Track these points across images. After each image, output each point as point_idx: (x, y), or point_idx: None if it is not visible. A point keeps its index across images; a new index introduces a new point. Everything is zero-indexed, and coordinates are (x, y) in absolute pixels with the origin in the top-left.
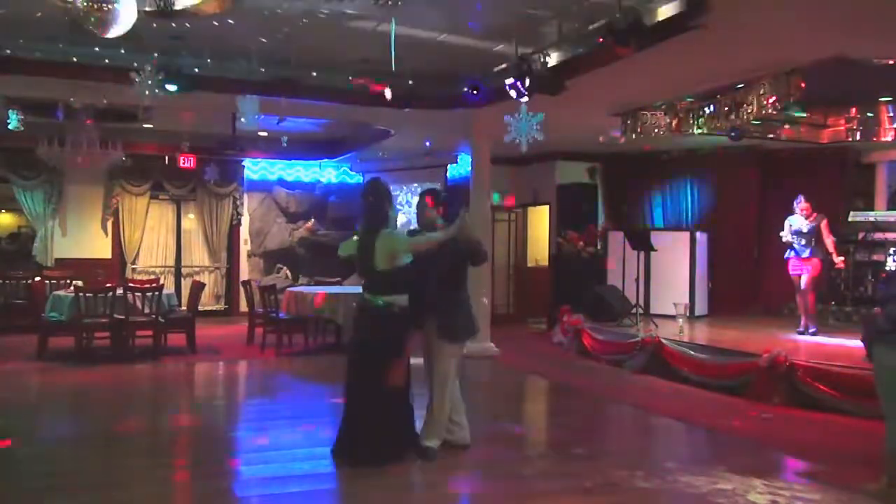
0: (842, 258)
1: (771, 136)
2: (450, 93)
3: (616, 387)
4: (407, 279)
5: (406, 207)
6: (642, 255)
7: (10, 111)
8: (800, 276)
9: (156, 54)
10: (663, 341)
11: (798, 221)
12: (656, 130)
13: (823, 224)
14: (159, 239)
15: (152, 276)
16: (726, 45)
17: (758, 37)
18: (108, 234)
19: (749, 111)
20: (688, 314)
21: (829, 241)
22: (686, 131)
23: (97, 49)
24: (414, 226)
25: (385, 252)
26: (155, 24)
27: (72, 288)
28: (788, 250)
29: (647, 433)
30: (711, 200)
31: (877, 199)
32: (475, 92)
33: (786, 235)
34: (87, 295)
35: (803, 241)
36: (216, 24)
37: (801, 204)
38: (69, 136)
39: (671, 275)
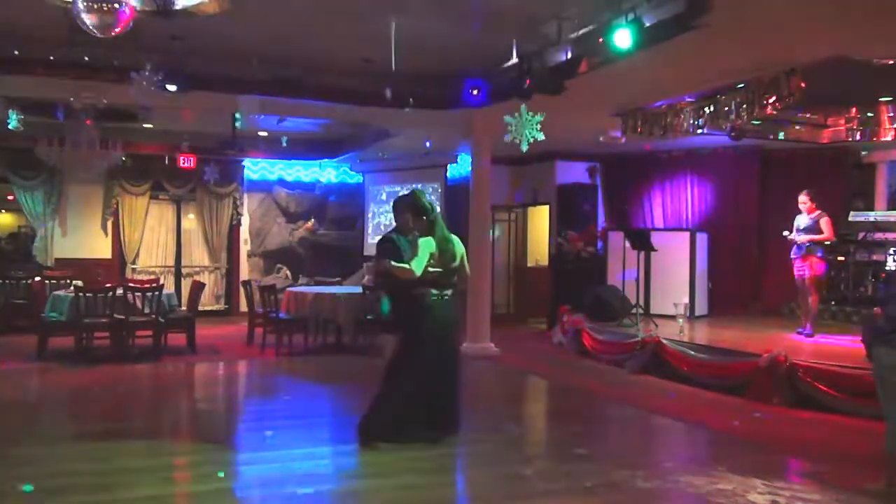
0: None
1: (771, 136)
2: (450, 93)
3: (616, 387)
4: None
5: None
6: (642, 255)
7: (10, 111)
8: (802, 276)
9: (155, 54)
10: (663, 341)
11: (801, 218)
12: (656, 130)
13: (824, 221)
14: (159, 239)
15: (152, 276)
16: (726, 45)
17: (758, 37)
18: (108, 234)
19: (749, 111)
20: (688, 314)
21: (824, 235)
22: (686, 131)
23: (97, 49)
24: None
25: (461, 254)
26: (155, 25)
27: (72, 288)
28: (792, 250)
29: (647, 433)
30: (711, 200)
31: (877, 199)
32: (475, 92)
33: (792, 234)
34: (87, 295)
35: (802, 239)
36: (216, 24)
37: (801, 198)
38: (69, 135)
39: (671, 275)
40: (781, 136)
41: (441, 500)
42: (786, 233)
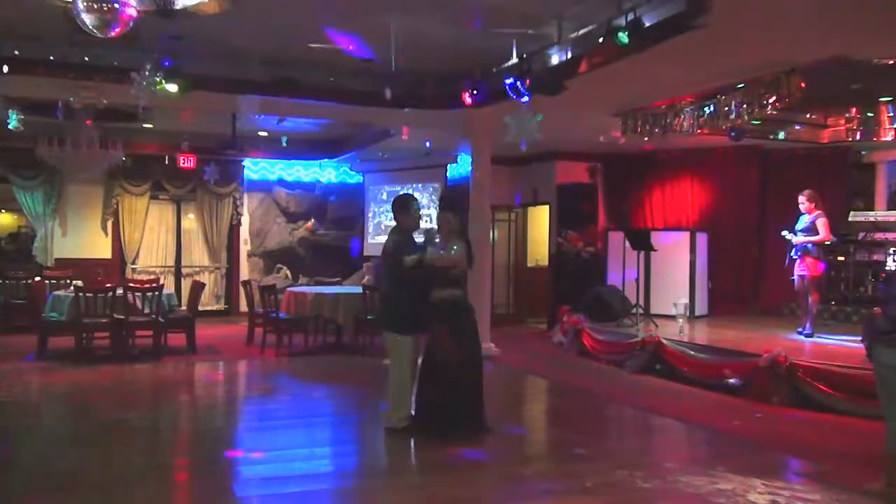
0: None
1: (771, 136)
2: (450, 93)
3: (616, 387)
4: None
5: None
6: (642, 255)
7: (10, 111)
8: (802, 277)
9: (155, 54)
10: (663, 341)
11: (800, 218)
12: (656, 130)
13: (820, 222)
14: (159, 239)
15: (152, 276)
16: (726, 45)
17: (758, 37)
18: (108, 234)
19: (749, 111)
20: (688, 314)
21: (821, 236)
22: (686, 131)
23: (97, 49)
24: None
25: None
26: (155, 25)
27: (72, 288)
28: (791, 250)
29: (647, 433)
30: (711, 200)
31: (877, 199)
32: (475, 92)
33: (789, 234)
34: (87, 295)
35: (798, 240)
36: (216, 24)
37: (800, 198)
38: (69, 135)
39: (671, 275)
40: (781, 136)
41: (441, 500)
42: (784, 232)
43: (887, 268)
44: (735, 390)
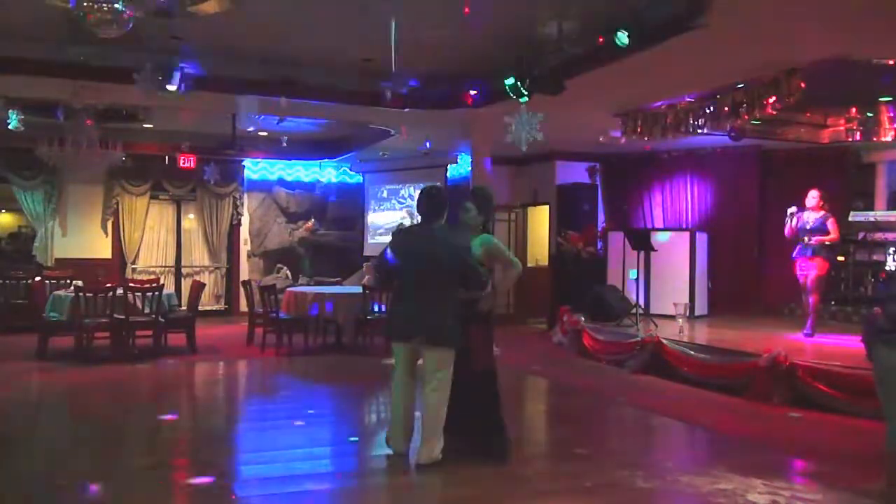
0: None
1: (771, 136)
2: (450, 93)
3: (616, 387)
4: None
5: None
6: (642, 255)
7: (10, 111)
8: (806, 276)
9: (156, 54)
10: (663, 341)
11: (806, 215)
12: (656, 130)
13: (831, 222)
14: (159, 239)
15: (152, 276)
16: (726, 45)
17: (758, 37)
18: (108, 234)
19: (749, 111)
20: (688, 314)
21: (832, 236)
22: (686, 131)
23: (97, 49)
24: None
25: None
26: (155, 24)
27: (72, 288)
28: (796, 249)
29: (647, 433)
30: (711, 200)
31: (877, 199)
32: (475, 92)
33: (788, 224)
34: (87, 295)
35: (807, 238)
36: (216, 24)
37: (812, 193)
38: (69, 135)
39: (671, 275)
40: (781, 136)
41: (441, 500)
42: (791, 209)
43: (887, 268)
44: (735, 390)
